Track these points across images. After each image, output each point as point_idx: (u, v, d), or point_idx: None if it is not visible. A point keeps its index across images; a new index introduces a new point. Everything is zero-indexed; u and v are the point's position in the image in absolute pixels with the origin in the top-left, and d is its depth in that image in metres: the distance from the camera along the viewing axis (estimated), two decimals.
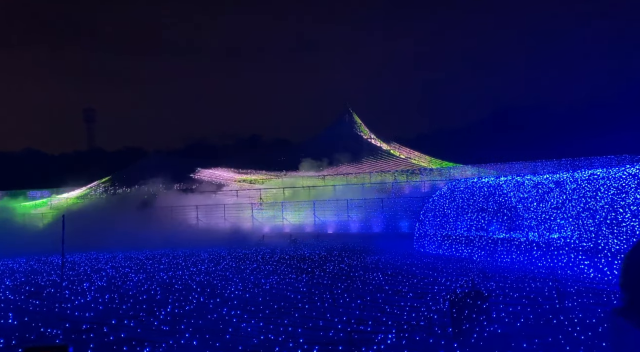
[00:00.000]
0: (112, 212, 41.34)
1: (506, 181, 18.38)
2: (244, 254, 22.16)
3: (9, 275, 17.53)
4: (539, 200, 16.39)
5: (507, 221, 17.34)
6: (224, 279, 14.47)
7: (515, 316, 8.31)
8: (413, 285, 12.14)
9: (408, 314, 8.87)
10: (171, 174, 55.33)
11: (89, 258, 22.98)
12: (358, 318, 8.77)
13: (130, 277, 15.74)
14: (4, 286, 14.67)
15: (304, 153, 63.76)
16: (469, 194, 19.33)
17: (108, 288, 13.47)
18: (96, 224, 34.84)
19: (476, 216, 18.57)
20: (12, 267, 20.42)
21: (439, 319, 8.33)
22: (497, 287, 11.27)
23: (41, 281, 15.67)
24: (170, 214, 39.63)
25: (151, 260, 21.27)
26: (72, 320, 9.52)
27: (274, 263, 18.18)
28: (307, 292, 11.59)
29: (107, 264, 20.15)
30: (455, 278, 12.83)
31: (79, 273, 17.27)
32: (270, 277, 14.29)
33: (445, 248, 19.30)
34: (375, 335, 7.58)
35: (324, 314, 9.24)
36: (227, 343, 7.52)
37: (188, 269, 17.26)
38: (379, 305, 9.86)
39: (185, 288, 12.96)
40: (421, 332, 7.65)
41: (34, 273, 17.89)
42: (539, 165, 41.65)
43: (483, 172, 43.29)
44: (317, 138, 69.78)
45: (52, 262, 21.24)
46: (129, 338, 7.99)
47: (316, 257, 19.66)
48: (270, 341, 7.54)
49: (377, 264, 16.59)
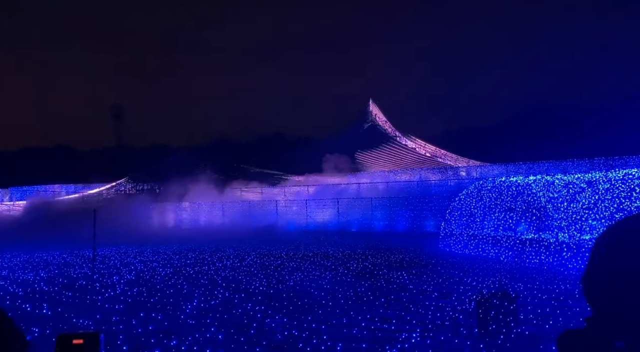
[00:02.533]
0: (139, 207, 42.35)
1: (535, 180, 17.95)
2: (268, 251, 22.35)
3: (43, 267, 18.17)
4: (570, 200, 15.95)
5: (536, 221, 16.93)
6: (249, 274, 14.63)
7: (544, 318, 8.13)
8: (438, 284, 12.01)
9: (433, 314, 8.79)
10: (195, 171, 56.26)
11: (119, 252, 23.59)
12: (382, 316, 8.73)
13: (158, 271, 16.09)
14: (39, 278, 15.22)
15: (327, 151, 63.79)
16: (496, 194, 18.96)
17: (137, 281, 13.81)
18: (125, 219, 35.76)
19: (504, 215, 18.21)
20: (46, 259, 21.15)
21: (465, 319, 8.21)
22: (525, 288, 11.04)
23: (73, 273, 16.18)
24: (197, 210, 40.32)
25: (178, 255, 21.68)
26: (102, 311, 9.80)
27: (297, 260, 18.27)
28: (331, 290, 11.60)
29: (136, 258, 20.64)
30: (481, 278, 12.63)
31: (109, 266, 17.76)
32: (294, 274, 14.37)
33: (471, 248, 19.00)
34: (399, 334, 7.54)
35: (348, 311, 9.24)
36: (252, 338, 7.60)
37: (214, 264, 17.52)
38: (403, 304, 9.79)
39: (211, 283, 13.17)
40: (446, 332, 7.56)
41: (67, 266, 18.48)
42: (570, 165, 40.50)
43: (511, 171, 42.40)
44: (340, 136, 69.63)
45: (84, 256, 21.90)
46: (156, 330, 8.17)
47: (340, 255, 19.66)
48: (294, 337, 7.59)
49: (402, 263, 16.47)
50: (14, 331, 0.98)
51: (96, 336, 1.48)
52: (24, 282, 14.37)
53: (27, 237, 31.03)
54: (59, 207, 43.93)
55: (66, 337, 1.42)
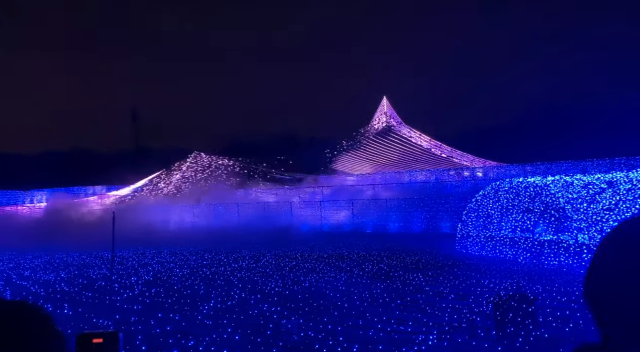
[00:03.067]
0: (158, 209, 42.88)
1: (554, 180, 17.68)
2: (283, 252, 22.43)
3: (63, 268, 18.52)
4: (590, 201, 15.67)
5: (555, 223, 16.67)
6: (264, 275, 14.70)
7: (564, 321, 8.00)
8: (455, 286, 11.91)
9: (450, 316, 8.72)
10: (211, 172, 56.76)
11: (136, 253, 23.92)
12: (398, 318, 8.69)
13: (175, 272, 16.28)
14: (60, 278, 15.52)
15: (341, 151, 63.75)
16: (513, 194, 18.73)
17: (154, 282, 13.99)
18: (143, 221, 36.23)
19: (521, 216, 17.97)
20: (67, 260, 21.56)
21: (482, 321, 8.13)
22: (543, 290, 10.88)
23: (93, 274, 16.46)
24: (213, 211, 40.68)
25: (195, 256, 21.90)
26: (121, 312, 9.95)
27: (312, 261, 18.30)
28: (346, 291, 11.59)
29: (153, 259, 20.91)
30: (499, 280, 12.49)
31: (127, 267, 18.02)
32: (310, 275, 14.39)
33: (488, 249, 18.80)
34: (415, 336, 7.50)
35: (364, 313, 9.22)
36: (268, 339, 7.64)
37: (229, 265, 17.65)
38: (420, 306, 9.74)
39: (227, 284, 13.27)
40: (463, 334, 7.50)
41: (86, 267, 18.81)
42: (589, 165, 39.78)
43: (529, 172, 41.82)
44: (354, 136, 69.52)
45: (103, 257, 22.26)
46: (174, 331, 8.27)
47: (355, 257, 19.63)
48: (310, 338, 7.60)
49: (418, 265, 16.37)
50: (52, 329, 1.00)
51: (115, 335, 1.52)
52: (46, 282, 14.68)
53: (48, 238, 31.67)
54: (79, 209, 44.74)
55: (86, 337, 1.46)
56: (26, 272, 17.56)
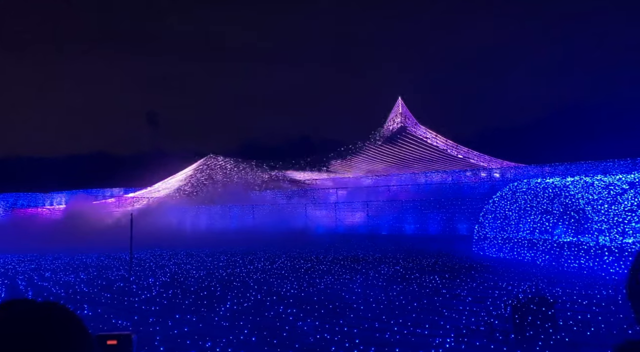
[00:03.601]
0: (175, 211, 43.33)
1: (573, 181, 17.36)
2: (298, 254, 22.45)
3: (83, 269, 18.83)
4: (611, 202, 15.35)
5: (575, 224, 16.37)
6: (280, 277, 14.73)
7: (585, 325, 7.84)
8: (472, 289, 11.77)
9: (467, 319, 8.61)
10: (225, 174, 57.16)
11: (154, 254, 24.20)
12: (415, 321, 8.62)
13: (191, 273, 16.42)
14: (79, 279, 15.78)
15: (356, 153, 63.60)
16: (532, 196, 18.44)
17: (172, 284, 14.13)
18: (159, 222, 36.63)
19: (540, 218, 17.69)
20: (86, 262, 21.92)
21: (500, 324, 8.01)
22: (563, 293, 10.69)
23: (111, 275, 16.70)
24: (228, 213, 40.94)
25: (211, 257, 22.06)
26: (139, 313, 10.07)
27: (327, 263, 18.27)
28: (362, 293, 11.55)
29: (170, 261, 21.12)
30: (517, 283, 12.30)
31: (144, 269, 18.24)
32: (325, 277, 14.37)
33: (506, 251, 18.55)
34: (432, 338, 7.42)
35: (380, 315, 9.17)
36: (284, 341, 7.65)
37: (245, 267, 17.74)
38: (437, 308, 9.64)
39: (243, 285, 13.33)
40: (481, 337, 7.40)
41: (105, 268, 19.10)
42: (610, 165, 38.99)
43: (547, 173, 41.17)
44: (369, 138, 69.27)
45: (121, 258, 22.57)
46: (191, 332, 8.33)
47: (370, 259, 19.55)
48: (326, 341, 7.59)
49: (434, 267, 16.23)
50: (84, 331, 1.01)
51: (129, 337, 1.54)
52: (66, 283, 14.94)
53: (67, 240, 32.25)
54: (98, 211, 45.45)
55: (101, 338, 1.48)
56: (47, 273, 17.90)
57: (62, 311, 1.00)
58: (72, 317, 1.00)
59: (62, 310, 1.00)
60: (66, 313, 1.00)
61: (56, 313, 0.98)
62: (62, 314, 0.99)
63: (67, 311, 1.01)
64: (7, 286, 14.96)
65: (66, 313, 1.00)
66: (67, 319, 0.99)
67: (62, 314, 0.99)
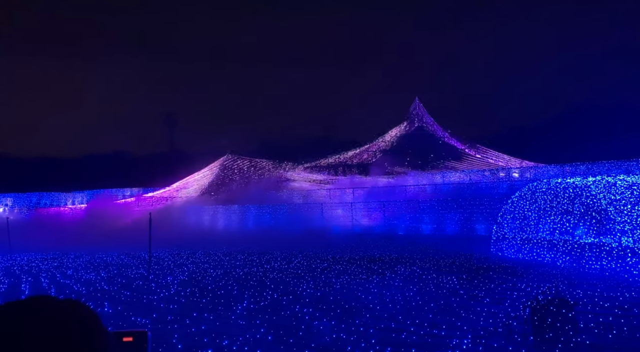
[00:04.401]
0: (192, 210, 43.81)
1: (595, 181, 17.01)
2: (315, 254, 22.49)
3: (103, 267, 19.19)
4: (634, 202, 14.99)
5: (596, 225, 16.03)
6: (296, 276, 14.78)
7: (607, 327, 7.68)
8: (490, 290, 11.63)
9: (485, 320, 8.52)
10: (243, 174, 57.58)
11: (172, 253, 24.51)
12: (431, 322, 8.56)
13: (209, 272, 16.58)
14: (100, 277, 16.09)
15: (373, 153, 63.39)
16: (552, 196, 18.13)
17: (189, 282, 14.29)
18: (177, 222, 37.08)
19: (560, 218, 17.37)
20: (106, 260, 22.32)
21: (519, 326, 7.90)
22: (584, 295, 10.49)
23: (131, 274, 16.97)
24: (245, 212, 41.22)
25: (228, 256, 22.25)
26: (158, 311, 10.22)
27: (344, 263, 18.26)
28: (378, 294, 11.51)
29: (188, 260, 21.37)
30: (536, 284, 12.11)
31: (163, 268, 18.49)
32: (341, 277, 14.37)
33: (525, 252, 18.27)
34: (449, 339, 7.36)
35: (396, 316, 9.13)
36: (300, 340, 7.67)
37: (262, 266, 17.84)
38: (454, 309, 9.56)
39: (260, 284, 13.41)
40: (499, 339, 7.31)
41: (125, 266, 19.42)
42: (634, 165, 38.05)
43: (568, 173, 40.40)
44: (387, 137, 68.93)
45: (140, 257, 22.92)
46: (208, 330, 8.43)
47: (387, 259, 19.46)
48: (342, 340, 7.59)
49: (451, 268, 16.08)
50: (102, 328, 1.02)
51: (145, 334, 1.56)
52: (87, 281, 15.25)
53: (88, 239, 32.89)
54: (117, 210, 46.24)
55: (117, 335, 1.51)
56: (69, 271, 18.29)
57: (83, 309, 1.01)
58: (92, 315, 1.02)
59: (83, 308, 1.01)
60: (86, 311, 1.01)
61: (77, 311, 0.99)
62: (83, 312, 1.00)
63: (87, 308, 1.02)
64: (30, 283, 15.33)
65: (86, 311, 1.01)
66: (88, 317, 1.00)
67: (83, 311, 1.00)
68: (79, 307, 1.00)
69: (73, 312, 0.98)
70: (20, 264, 21.69)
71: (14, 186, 59.22)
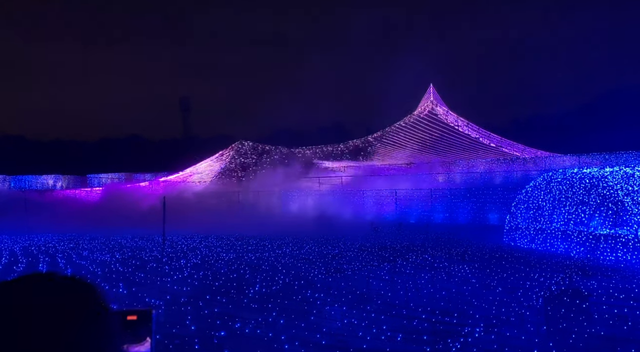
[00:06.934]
0: (206, 196, 44.15)
1: (612, 172, 16.71)
2: (326, 240, 22.56)
3: (118, 249, 19.51)
4: None
5: (612, 216, 15.80)
6: (307, 262, 14.86)
7: (622, 319, 7.60)
8: (502, 279, 11.57)
9: (497, 309, 8.49)
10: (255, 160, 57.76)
11: (185, 237, 24.80)
12: (443, 310, 8.56)
13: (222, 256, 16.76)
14: (115, 259, 16.36)
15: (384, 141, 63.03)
16: (567, 186, 17.87)
17: (202, 266, 14.47)
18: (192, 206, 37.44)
19: (575, 209, 17.14)
20: (121, 242, 22.68)
21: (532, 316, 7.87)
22: (599, 286, 10.38)
23: (145, 256, 17.23)
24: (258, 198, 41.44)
25: (240, 241, 22.44)
26: (171, 293, 10.37)
27: (355, 250, 18.30)
28: (390, 281, 11.53)
29: (201, 244, 21.61)
30: (549, 274, 12.02)
31: (176, 251, 18.73)
32: (352, 263, 14.41)
33: (538, 242, 18.11)
34: (461, 327, 7.36)
35: (407, 303, 9.15)
36: (312, 324, 7.74)
37: (274, 251, 17.97)
38: (466, 298, 9.54)
39: (272, 269, 13.52)
40: (512, 328, 7.29)
41: (139, 249, 19.71)
42: None
43: (584, 163, 39.76)
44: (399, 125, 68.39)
45: (154, 240, 23.23)
46: (221, 313, 8.54)
47: (398, 246, 19.46)
48: (353, 326, 7.63)
49: (464, 256, 16.02)
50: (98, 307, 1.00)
51: (149, 313, 1.56)
52: (102, 262, 15.52)
53: (104, 221, 33.42)
54: (132, 194, 46.81)
55: (121, 314, 1.51)
56: (85, 252, 18.64)
57: (82, 285, 1.00)
58: (91, 291, 1.00)
59: (82, 284, 1.00)
60: (86, 287, 1.00)
61: (74, 287, 0.98)
62: (82, 288, 0.99)
63: (88, 285, 1.00)
64: (47, 263, 15.67)
65: (86, 287, 1.00)
66: (85, 292, 0.99)
67: (82, 288, 0.99)
68: (77, 283, 0.99)
69: (68, 288, 0.97)
70: (37, 244, 22.16)
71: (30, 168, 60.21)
